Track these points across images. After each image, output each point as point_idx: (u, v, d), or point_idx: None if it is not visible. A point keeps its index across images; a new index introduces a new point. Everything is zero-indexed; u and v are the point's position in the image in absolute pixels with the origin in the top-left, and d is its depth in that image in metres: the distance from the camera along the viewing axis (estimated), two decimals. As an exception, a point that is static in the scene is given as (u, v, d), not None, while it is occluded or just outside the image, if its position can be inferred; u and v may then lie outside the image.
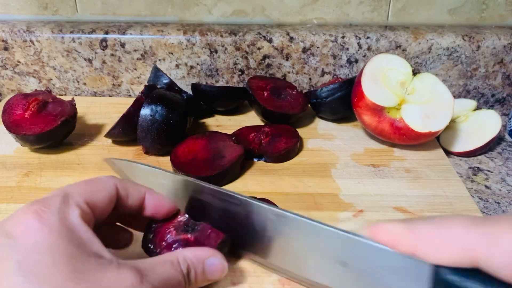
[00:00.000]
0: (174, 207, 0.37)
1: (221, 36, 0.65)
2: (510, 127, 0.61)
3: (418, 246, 0.26)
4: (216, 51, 0.65)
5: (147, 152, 0.54)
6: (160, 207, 0.36)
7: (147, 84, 0.59)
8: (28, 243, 0.26)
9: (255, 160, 0.53)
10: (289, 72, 0.67)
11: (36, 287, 0.25)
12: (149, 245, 0.36)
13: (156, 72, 0.61)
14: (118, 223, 0.38)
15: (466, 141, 0.56)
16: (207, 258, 0.33)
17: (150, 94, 0.52)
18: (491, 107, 0.68)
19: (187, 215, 0.38)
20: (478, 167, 0.55)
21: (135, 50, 0.66)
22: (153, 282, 0.28)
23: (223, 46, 0.65)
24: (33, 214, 0.27)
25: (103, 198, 0.31)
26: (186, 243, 0.35)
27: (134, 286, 0.27)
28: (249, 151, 0.52)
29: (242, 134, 0.55)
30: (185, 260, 0.31)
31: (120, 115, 0.53)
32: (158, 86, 0.58)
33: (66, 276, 0.25)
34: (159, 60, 0.66)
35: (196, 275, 0.32)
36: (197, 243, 0.36)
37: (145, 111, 0.51)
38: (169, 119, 0.51)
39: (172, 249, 0.35)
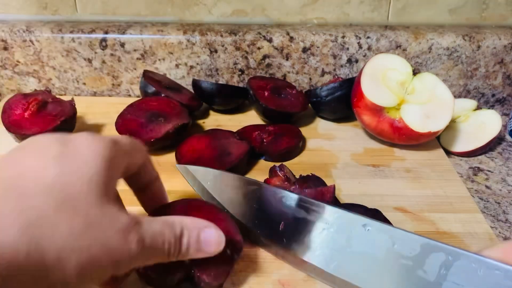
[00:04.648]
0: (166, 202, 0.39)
1: (221, 36, 0.64)
2: (511, 127, 0.61)
3: None
4: (216, 51, 0.65)
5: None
6: (157, 198, 0.38)
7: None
8: (84, 151, 0.28)
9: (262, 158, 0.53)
10: (289, 72, 0.67)
11: (68, 179, 0.26)
12: None
13: (145, 82, 0.60)
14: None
15: (466, 141, 0.56)
16: (205, 228, 0.32)
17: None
18: (492, 107, 0.68)
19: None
20: (478, 167, 0.54)
21: (135, 50, 0.65)
22: (143, 233, 0.28)
23: (223, 46, 0.65)
24: (89, 135, 0.29)
25: (137, 162, 0.34)
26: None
27: (125, 227, 0.27)
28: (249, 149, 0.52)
29: (245, 132, 0.55)
30: (181, 223, 0.31)
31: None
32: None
33: (89, 189, 0.27)
34: (159, 60, 0.66)
35: (189, 242, 0.30)
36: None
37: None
38: None
39: None
